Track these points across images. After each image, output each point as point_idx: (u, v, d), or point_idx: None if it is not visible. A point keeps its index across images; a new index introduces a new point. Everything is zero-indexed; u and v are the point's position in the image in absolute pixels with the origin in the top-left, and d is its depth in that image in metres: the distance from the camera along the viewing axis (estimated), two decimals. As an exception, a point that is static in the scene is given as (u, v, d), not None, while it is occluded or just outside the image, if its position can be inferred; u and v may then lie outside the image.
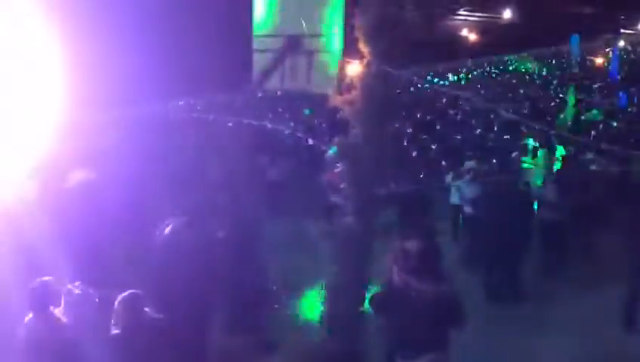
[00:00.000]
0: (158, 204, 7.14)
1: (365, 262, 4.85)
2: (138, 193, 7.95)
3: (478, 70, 38.01)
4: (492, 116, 16.24)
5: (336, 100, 5.34)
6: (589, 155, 10.63)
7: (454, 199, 9.92)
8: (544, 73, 34.27)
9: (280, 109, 20.38)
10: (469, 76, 35.80)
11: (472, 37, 38.67)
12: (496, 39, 35.62)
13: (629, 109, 19.50)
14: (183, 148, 11.85)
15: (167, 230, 6.03)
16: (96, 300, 4.38)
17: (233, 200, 7.58)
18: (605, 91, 24.59)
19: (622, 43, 36.60)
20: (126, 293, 4.36)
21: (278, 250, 9.27)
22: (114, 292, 4.42)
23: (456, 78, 34.41)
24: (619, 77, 27.71)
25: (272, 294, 8.18)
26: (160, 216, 6.26)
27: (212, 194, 7.46)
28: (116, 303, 4.31)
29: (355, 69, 5.13)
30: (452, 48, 35.95)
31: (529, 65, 38.10)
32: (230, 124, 10.49)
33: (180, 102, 25.19)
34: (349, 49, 5.52)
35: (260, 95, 16.71)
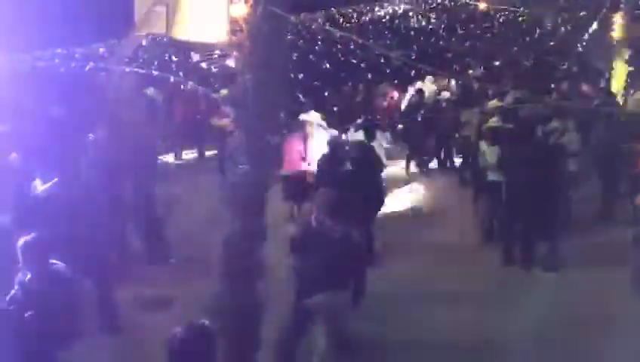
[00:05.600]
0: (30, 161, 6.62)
1: (259, 210, 4.73)
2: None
3: (371, 15, 38.20)
4: (382, 62, 16.37)
5: (224, 44, 5.08)
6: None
7: None
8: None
9: (167, 56, 19.49)
10: (363, 21, 35.91)
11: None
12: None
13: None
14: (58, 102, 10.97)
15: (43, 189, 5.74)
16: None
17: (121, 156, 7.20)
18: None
19: None
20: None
21: (177, 201, 9.07)
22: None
23: (350, 23, 34.40)
24: None
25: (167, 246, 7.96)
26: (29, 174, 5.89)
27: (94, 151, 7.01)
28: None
29: (240, 10, 4.84)
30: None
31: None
32: (112, 74, 9.81)
33: (58, 51, 23.46)
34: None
35: (144, 41, 15.82)
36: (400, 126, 11.46)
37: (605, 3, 13.62)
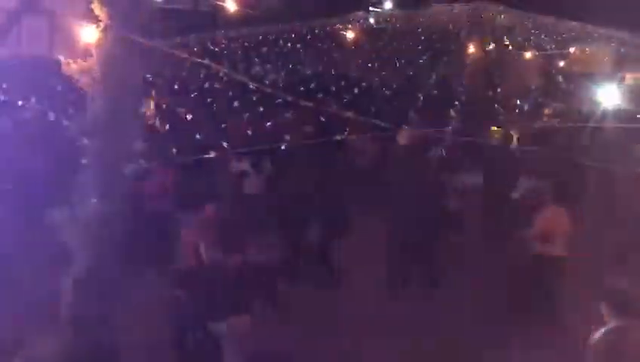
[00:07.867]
0: None
1: (113, 249, 4.41)
2: None
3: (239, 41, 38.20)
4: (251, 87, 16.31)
5: (75, 69, 4.73)
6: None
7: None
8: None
9: (16, 78, 18.05)
10: (229, 47, 35.78)
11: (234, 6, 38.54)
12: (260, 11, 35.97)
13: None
14: None
15: None
16: None
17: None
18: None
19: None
20: None
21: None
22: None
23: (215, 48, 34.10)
24: None
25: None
26: None
27: None
28: None
29: (91, 34, 4.56)
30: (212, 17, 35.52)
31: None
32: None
33: None
34: (89, 11, 4.90)
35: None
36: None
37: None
